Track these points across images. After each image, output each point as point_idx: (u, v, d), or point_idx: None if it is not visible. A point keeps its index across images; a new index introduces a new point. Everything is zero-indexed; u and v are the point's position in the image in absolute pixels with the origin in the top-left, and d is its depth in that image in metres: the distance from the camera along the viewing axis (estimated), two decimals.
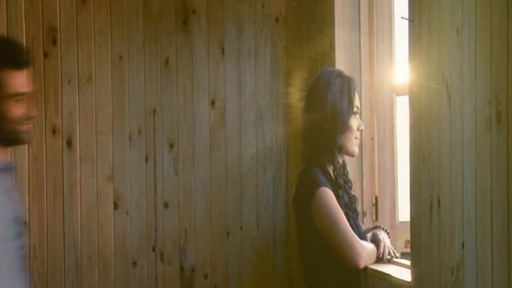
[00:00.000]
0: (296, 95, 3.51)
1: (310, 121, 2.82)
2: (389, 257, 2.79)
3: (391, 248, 2.83)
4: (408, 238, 2.43)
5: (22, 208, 2.54)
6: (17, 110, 2.40)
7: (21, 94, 2.42)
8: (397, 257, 2.83)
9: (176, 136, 3.62)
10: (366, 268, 2.73)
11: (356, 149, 2.84)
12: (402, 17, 2.39)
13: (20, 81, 2.41)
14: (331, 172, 2.81)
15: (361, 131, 2.86)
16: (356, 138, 2.83)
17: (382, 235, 2.84)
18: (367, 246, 2.75)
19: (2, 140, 2.43)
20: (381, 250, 2.78)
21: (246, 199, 3.66)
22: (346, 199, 2.81)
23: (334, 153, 2.78)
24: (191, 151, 3.63)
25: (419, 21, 2.21)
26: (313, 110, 2.81)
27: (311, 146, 2.82)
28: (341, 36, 3.33)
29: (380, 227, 2.93)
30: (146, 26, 3.61)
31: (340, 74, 2.84)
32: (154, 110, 3.60)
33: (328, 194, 2.71)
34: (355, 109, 2.81)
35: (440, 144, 2.05)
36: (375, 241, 2.81)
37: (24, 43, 3.49)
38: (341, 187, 2.79)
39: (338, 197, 2.75)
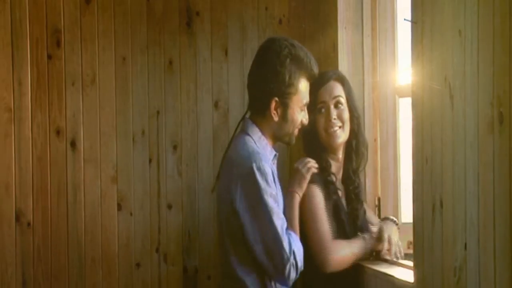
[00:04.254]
0: None
1: None
2: (394, 256, 2.77)
3: (399, 246, 2.81)
4: (411, 239, 2.43)
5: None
6: (299, 116, 2.67)
7: (306, 104, 2.68)
8: (402, 257, 2.82)
9: (179, 137, 3.63)
10: (368, 268, 2.73)
11: (330, 138, 2.87)
12: (404, 19, 2.40)
13: (307, 91, 2.69)
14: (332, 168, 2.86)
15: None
16: (329, 128, 2.84)
17: (388, 232, 2.82)
18: (345, 247, 2.74)
19: (278, 137, 2.70)
20: (382, 247, 2.79)
21: None
22: (335, 197, 2.82)
23: (318, 156, 2.87)
24: (194, 152, 3.64)
25: (421, 22, 2.22)
26: None
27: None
28: (344, 38, 3.33)
29: (388, 219, 2.92)
30: (150, 28, 3.62)
31: None
32: (158, 112, 3.61)
33: (314, 191, 2.76)
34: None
35: (443, 146, 2.05)
36: (379, 238, 2.80)
37: (28, 45, 3.51)
38: (331, 183, 2.82)
39: (328, 194, 2.79)
